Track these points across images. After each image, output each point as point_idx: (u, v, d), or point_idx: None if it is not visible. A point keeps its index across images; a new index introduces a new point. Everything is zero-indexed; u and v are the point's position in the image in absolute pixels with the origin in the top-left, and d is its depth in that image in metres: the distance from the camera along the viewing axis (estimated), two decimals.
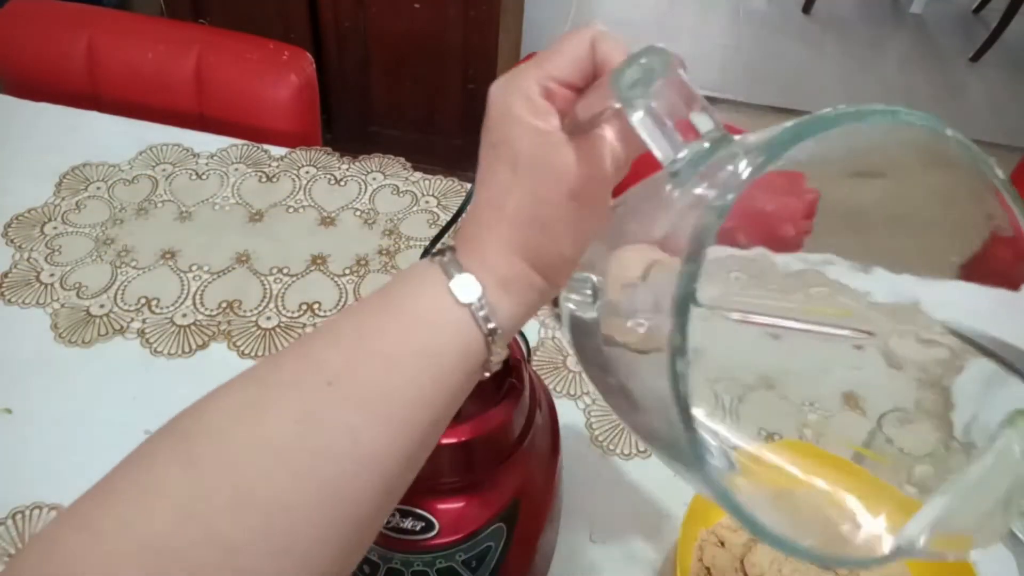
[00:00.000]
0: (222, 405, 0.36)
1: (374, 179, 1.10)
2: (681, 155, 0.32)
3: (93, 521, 0.32)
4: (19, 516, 0.72)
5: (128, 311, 0.90)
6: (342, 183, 1.09)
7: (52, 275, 0.94)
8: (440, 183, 1.10)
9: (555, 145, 0.37)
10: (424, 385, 0.37)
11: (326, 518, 0.34)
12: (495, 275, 0.39)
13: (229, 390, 0.36)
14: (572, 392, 0.85)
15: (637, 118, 0.33)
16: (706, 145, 0.32)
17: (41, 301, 0.91)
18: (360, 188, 1.08)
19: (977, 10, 3.64)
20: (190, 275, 0.95)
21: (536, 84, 0.38)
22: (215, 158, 1.11)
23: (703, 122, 0.33)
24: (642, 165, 0.38)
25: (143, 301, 0.91)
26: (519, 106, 0.38)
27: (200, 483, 0.32)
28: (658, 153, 0.33)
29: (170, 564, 0.31)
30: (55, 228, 1.00)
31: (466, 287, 0.38)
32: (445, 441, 0.52)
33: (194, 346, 0.87)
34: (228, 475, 0.33)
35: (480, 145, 0.41)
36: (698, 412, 0.36)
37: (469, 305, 0.38)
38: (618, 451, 0.80)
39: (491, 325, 0.38)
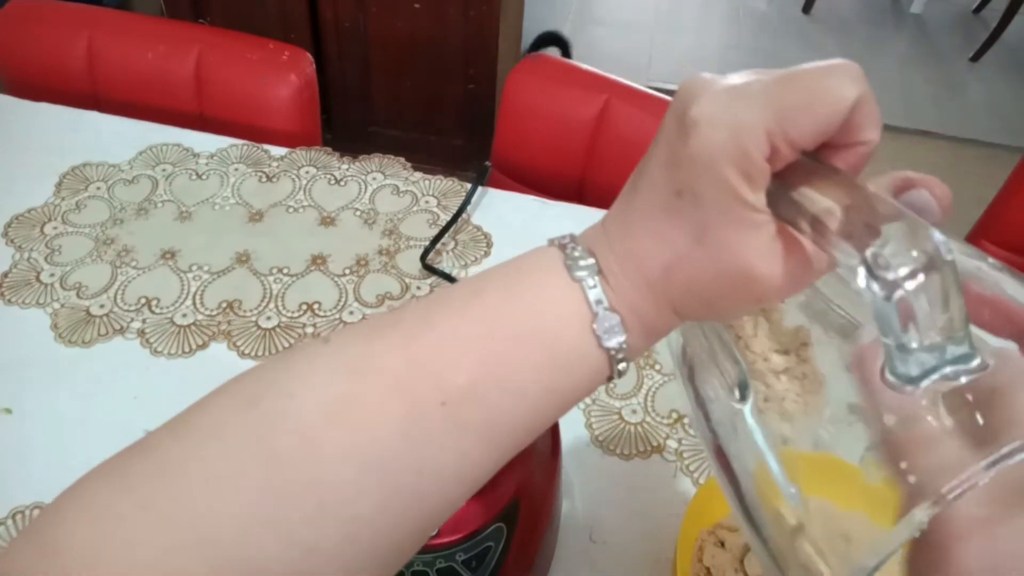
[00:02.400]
0: (313, 395, 0.32)
1: (374, 179, 1.10)
2: (912, 344, 0.28)
3: (159, 502, 0.30)
4: (19, 516, 0.72)
5: (128, 311, 0.90)
6: (342, 183, 1.09)
7: (52, 275, 0.94)
8: (440, 183, 1.10)
9: (757, 237, 0.31)
10: (546, 417, 0.35)
11: (410, 535, 0.34)
12: (643, 323, 0.35)
13: (320, 369, 0.33)
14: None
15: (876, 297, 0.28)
16: (947, 367, 0.28)
17: (41, 301, 0.91)
18: (360, 188, 1.08)
19: (977, 10, 3.63)
20: (190, 275, 0.95)
21: (765, 139, 0.30)
22: (215, 158, 1.11)
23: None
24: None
25: (143, 301, 0.91)
26: (732, 164, 0.30)
27: (283, 486, 0.31)
28: (886, 339, 0.28)
29: (237, 568, 0.30)
30: (55, 228, 1.00)
31: (612, 333, 0.34)
32: None
33: (194, 346, 0.87)
34: (315, 486, 0.31)
35: (651, 157, 0.34)
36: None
37: (609, 350, 0.34)
38: (618, 451, 0.80)
39: (622, 366, 0.35)
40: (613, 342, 0.34)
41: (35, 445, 0.77)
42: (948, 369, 0.28)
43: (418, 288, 0.95)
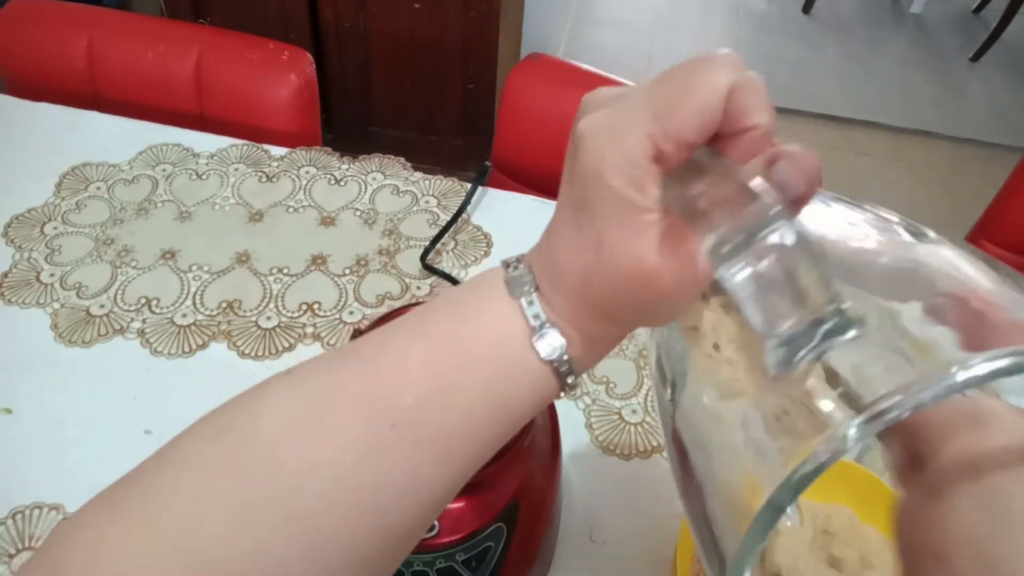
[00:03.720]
0: (276, 414, 0.34)
1: (374, 179, 1.10)
2: (782, 329, 0.29)
3: (142, 526, 0.32)
4: (19, 516, 0.72)
5: (128, 311, 0.90)
6: (342, 183, 1.09)
7: (52, 275, 0.94)
8: (440, 183, 1.10)
9: (645, 237, 0.32)
10: (497, 432, 0.36)
11: (376, 547, 0.35)
12: (582, 335, 0.36)
13: (283, 394, 0.35)
14: (572, 392, 0.85)
15: (737, 281, 0.29)
16: (817, 329, 0.28)
17: (41, 301, 0.91)
18: (360, 188, 1.08)
19: (977, 10, 3.64)
20: (190, 275, 0.95)
21: (648, 143, 0.31)
22: (215, 158, 1.11)
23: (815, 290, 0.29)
24: None
25: (143, 301, 0.91)
26: (617, 173, 0.31)
27: (252, 500, 0.32)
28: (755, 324, 0.29)
29: (216, 573, 0.31)
30: (55, 228, 1.00)
31: (551, 346, 0.35)
32: None
33: (194, 346, 0.87)
34: (281, 499, 0.32)
35: (562, 178, 0.35)
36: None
37: (551, 362, 0.35)
38: (618, 451, 0.80)
39: (570, 379, 0.36)
40: (554, 355, 0.35)
41: (35, 445, 0.77)
42: (816, 345, 0.29)
43: (418, 288, 0.95)
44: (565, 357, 0.35)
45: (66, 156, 1.09)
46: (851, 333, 0.28)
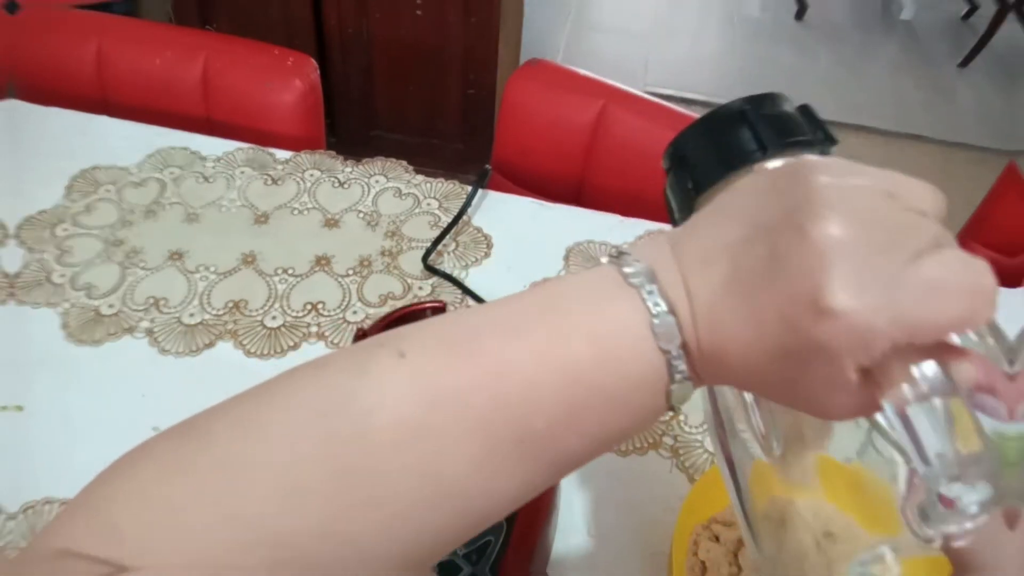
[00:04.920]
0: (390, 416, 0.32)
1: (377, 182, 1.10)
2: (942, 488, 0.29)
3: (222, 499, 0.31)
4: (30, 510, 0.72)
5: (137, 311, 0.90)
6: (346, 186, 1.09)
7: (63, 276, 0.94)
8: (441, 186, 1.10)
9: (845, 397, 0.31)
10: (605, 451, 0.36)
11: (455, 543, 0.35)
12: (700, 380, 0.36)
13: (398, 390, 0.33)
14: None
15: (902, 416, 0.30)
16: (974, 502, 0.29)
17: (52, 301, 0.91)
18: (363, 191, 1.08)
19: (966, 17, 3.63)
20: (197, 276, 0.95)
21: (890, 344, 0.29)
22: (222, 161, 1.11)
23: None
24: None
25: (151, 301, 0.91)
26: (854, 360, 0.30)
27: (350, 504, 0.31)
28: (916, 465, 0.30)
29: (295, 566, 0.31)
30: (65, 230, 1.00)
31: (683, 396, 0.35)
32: None
33: (201, 345, 0.87)
34: (383, 503, 0.32)
35: (764, 290, 0.32)
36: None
37: (674, 408, 0.35)
38: (615, 448, 0.80)
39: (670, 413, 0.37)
40: (680, 403, 0.35)
41: (46, 442, 0.78)
42: (968, 524, 0.29)
43: (420, 288, 0.95)
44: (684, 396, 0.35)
45: (76, 159, 1.10)
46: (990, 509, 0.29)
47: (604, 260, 0.36)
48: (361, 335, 0.65)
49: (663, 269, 0.34)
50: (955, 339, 0.31)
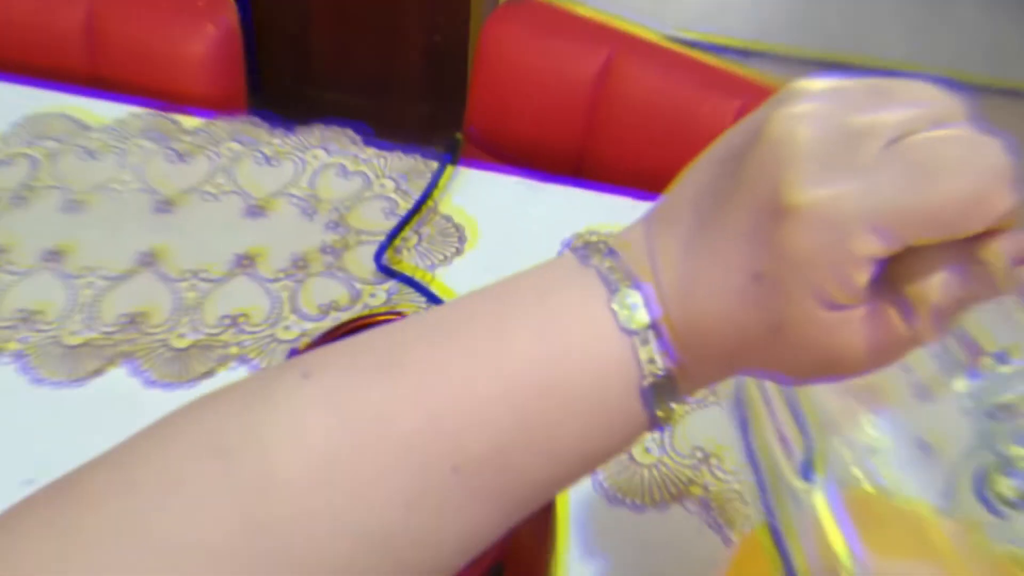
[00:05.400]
0: (299, 446, 0.33)
1: (315, 157, 1.10)
2: None
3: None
4: None
5: (3, 327, 0.90)
6: (275, 162, 1.09)
7: None
8: (399, 161, 1.10)
9: (845, 329, 0.33)
10: (575, 479, 0.37)
11: None
12: (692, 384, 0.36)
13: (309, 415, 0.33)
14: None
15: None
16: None
17: None
18: (297, 168, 1.08)
19: None
20: (82, 281, 0.95)
21: (877, 242, 0.31)
22: (112, 131, 1.11)
23: None
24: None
25: (22, 315, 0.91)
26: (831, 270, 0.31)
27: (265, 562, 0.32)
28: None
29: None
30: None
31: (664, 392, 0.35)
32: None
33: (88, 371, 0.87)
34: (294, 552, 0.32)
35: (722, 209, 0.34)
36: None
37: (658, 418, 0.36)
38: (628, 500, 0.80)
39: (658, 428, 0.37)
40: (663, 406, 0.36)
41: None
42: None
43: (372, 296, 0.95)
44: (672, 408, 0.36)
45: None
46: None
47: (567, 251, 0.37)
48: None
49: (629, 243, 0.36)
50: None
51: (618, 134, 1.21)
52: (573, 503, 0.79)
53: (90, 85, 1.26)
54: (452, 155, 1.08)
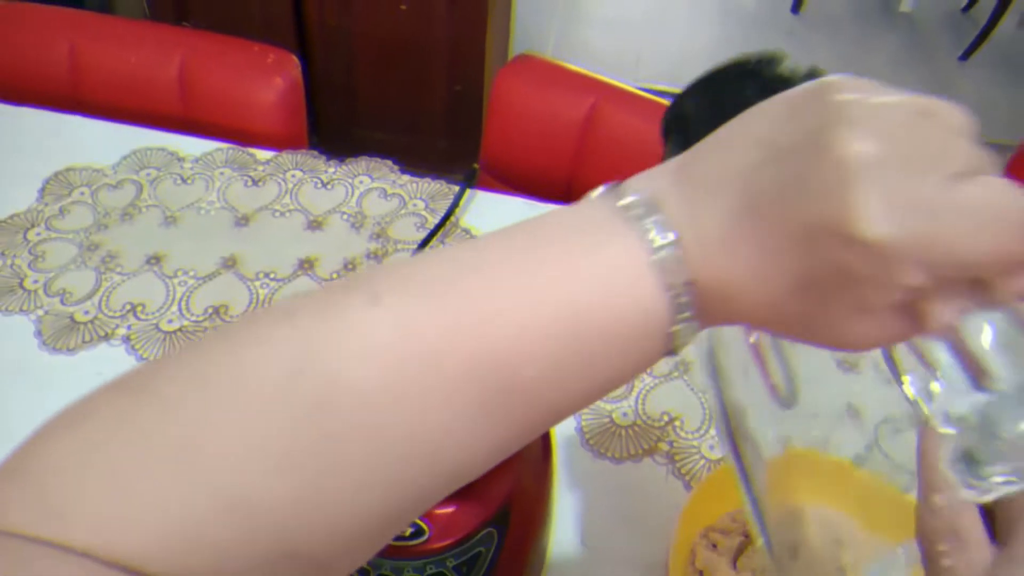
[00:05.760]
0: (368, 369, 0.30)
1: (361, 182, 1.10)
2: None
3: (187, 468, 0.28)
4: None
5: (113, 317, 0.90)
6: (329, 186, 1.09)
7: (36, 281, 0.93)
8: (428, 185, 1.10)
9: (866, 324, 0.31)
10: (593, 402, 0.34)
11: (436, 499, 0.33)
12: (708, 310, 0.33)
13: (377, 339, 0.30)
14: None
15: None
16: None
17: (25, 308, 0.90)
18: (347, 191, 1.08)
19: (966, 9, 3.65)
20: (176, 280, 0.95)
21: (920, 281, 0.28)
22: (200, 162, 1.11)
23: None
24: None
25: (128, 307, 0.91)
26: (866, 296, 0.29)
27: (322, 462, 0.29)
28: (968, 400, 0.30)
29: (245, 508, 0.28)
30: (39, 234, 0.99)
31: (687, 335, 0.33)
32: None
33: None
34: (358, 463, 0.30)
35: (776, 210, 0.30)
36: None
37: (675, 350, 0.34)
38: (610, 454, 0.80)
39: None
40: (682, 347, 0.34)
41: None
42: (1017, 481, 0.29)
43: None
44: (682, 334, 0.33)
45: (50, 161, 1.09)
46: None
47: (595, 194, 0.34)
48: None
49: (665, 200, 0.32)
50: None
51: (601, 164, 1.21)
52: (565, 457, 0.79)
53: (183, 126, 1.26)
54: (470, 181, 1.08)
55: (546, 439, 0.65)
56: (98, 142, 1.13)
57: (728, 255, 0.31)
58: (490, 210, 1.06)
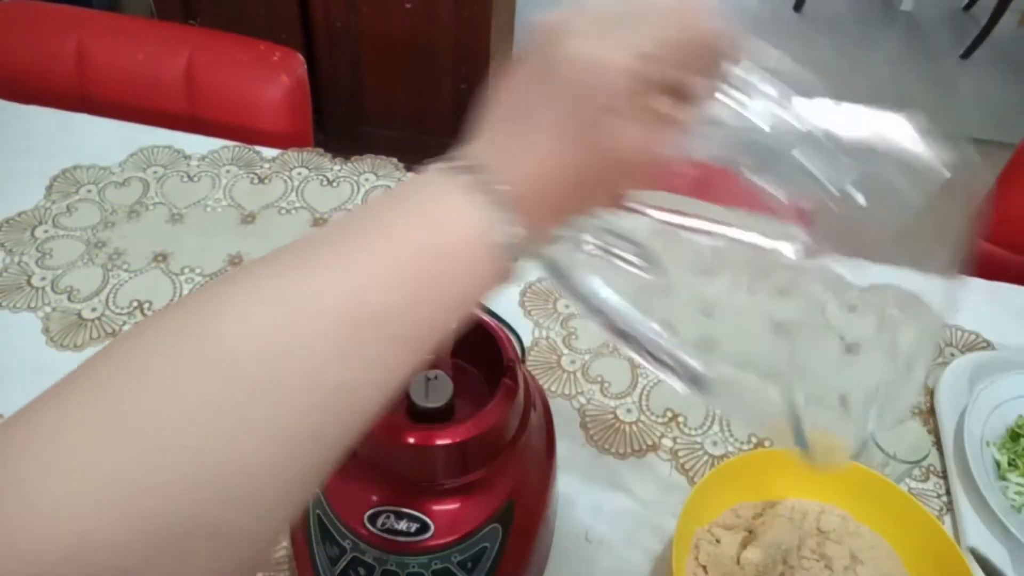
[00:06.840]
0: (242, 328, 0.33)
1: (366, 180, 1.10)
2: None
3: (115, 416, 0.31)
4: None
5: (120, 314, 0.90)
6: (334, 184, 1.09)
7: (43, 279, 0.93)
8: None
9: (625, 133, 0.38)
10: (453, 323, 0.38)
11: (344, 445, 0.35)
12: (538, 232, 0.40)
13: (247, 305, 0.34)
14: (567, 392, 0.85)
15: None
16: None
17: (32, 305, 0.90)
18: (353, 189, 1.08)
19: (967, 7, 3.65)
20: (182, 277, 0.95)
21: (636, 66, 0.37)
22: (206, 160, 1.11)
23: None
24: None
25: (135, 304, 0.91)
26: (606, 100, 0.37)
27: (219, 407, 0.32)
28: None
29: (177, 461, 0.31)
30: (46, 231, 0.99)
31: (518, 249, 0.39)
32: (440, 442, 0.52)
33: None
34: (249, 407, 0.32)
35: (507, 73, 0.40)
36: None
37: (508, 265, 0.39)
38: (613, 450, 0.80)
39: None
40: (518, 259, 0.39)
41: None
42: None
43: None
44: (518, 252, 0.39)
45: (56, 159, 1.09)
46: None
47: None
48: None
49: (474, 151, 0.41)
50: None
51: None
52: (569, 453, 0.79)
53: (189, 124, 1.26)
54: None
55: (550, 437, 0.65)
56: (104, 140, 1.13)
57: (514, 156, 0.39)
58: None
